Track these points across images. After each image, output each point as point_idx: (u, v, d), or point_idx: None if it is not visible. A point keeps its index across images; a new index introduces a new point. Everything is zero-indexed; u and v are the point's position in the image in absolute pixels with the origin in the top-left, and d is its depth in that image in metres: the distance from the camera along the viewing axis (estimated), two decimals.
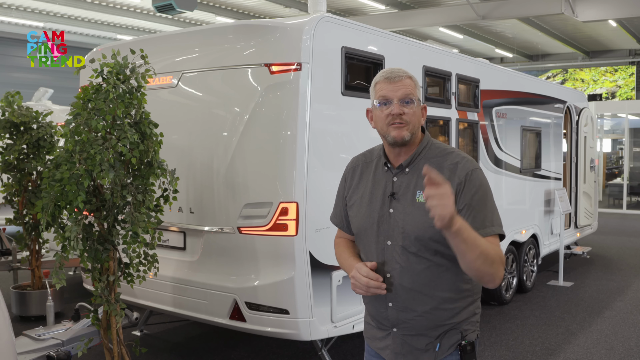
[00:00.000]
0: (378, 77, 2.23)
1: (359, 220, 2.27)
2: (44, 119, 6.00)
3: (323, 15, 4.27)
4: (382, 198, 2.21)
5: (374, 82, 2.24)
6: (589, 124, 9.60)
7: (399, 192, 2.18)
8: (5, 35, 17.40)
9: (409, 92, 2.16)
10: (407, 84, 2.17)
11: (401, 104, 2.14)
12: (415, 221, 2.12)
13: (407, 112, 2.14)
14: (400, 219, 2.15)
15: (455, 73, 5.83)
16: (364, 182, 2.30)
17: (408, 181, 2.18)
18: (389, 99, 2.15)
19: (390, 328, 2.24)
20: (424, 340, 2.20)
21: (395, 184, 2.20)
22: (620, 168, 20.55)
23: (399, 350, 2.23)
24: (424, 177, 1.90)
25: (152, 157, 4.05)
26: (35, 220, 5.96)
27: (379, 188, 2.24)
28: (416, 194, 2.14)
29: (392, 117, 2.14)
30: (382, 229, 2.19)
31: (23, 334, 4.72)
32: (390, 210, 2.18)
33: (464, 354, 2.18)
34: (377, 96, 2.19)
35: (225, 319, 4.32)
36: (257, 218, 4.14)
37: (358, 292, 2.17)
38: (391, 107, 2.15)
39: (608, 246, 11.06)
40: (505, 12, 15.44)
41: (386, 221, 2.18)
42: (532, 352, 5.38)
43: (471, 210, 2.08)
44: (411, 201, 2.15)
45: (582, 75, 26.05)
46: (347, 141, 4.49)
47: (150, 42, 5.04)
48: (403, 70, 2.22)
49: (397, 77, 2.17)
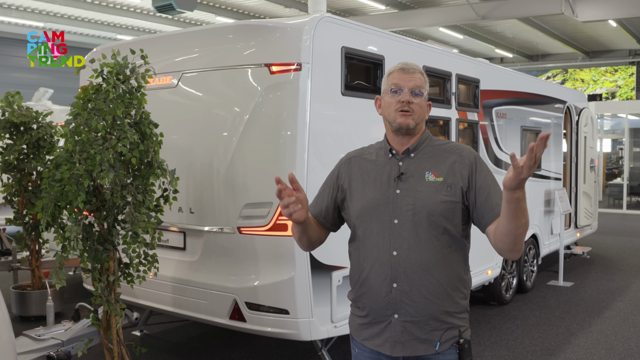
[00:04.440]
0: (393, 67, 2.35)
1: (363, 202, 2.29)
2: (44, 119, 5.99)
3: (323, 16, 4.27)
4: (387, 181, 2.28)
5: (388, 72, 2.36)
6: (589, 124, 9.60)
7: (406, 173, 2.27)
8: (5, 35, 17.41)
9: (420, 85, 2.29)
10: (418, 77, 2.30)
11: (411, 93, 2.27)
12: (426, 197, 2.21)
13: (415, 102, 2.27)
14: (410, 196, 2.22)
15: (455, 73, 5.83)
16: (364, 168, 2.36)
17: (415, 164, 2.28)
18: (400, 87, 2.27)
19: (391, 315, 2.23)
20: (424, 330, 2.21)
21: (401, 167, 2.29)
22: (620, 168, 20.55)
23: (398, 339, 2.23)
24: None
25: (152, 157, 4.05)
26: (35, 220, 5.96)
27: (383, 173, 2.30)
28: (424, 174, 2.25)
29: (401, 104, 2.26)
30: (389, 209, 2.24)
31: (23, 334, 4.72)
32: (397, 191, 2.24)
33: (462, 352, 2.23)
34: (390, 83, 2.31)
35: (225, 319, 4.32)
36: (257, 218, 4.14)
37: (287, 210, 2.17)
38: (402, 95, 2.27)
39: (608, 246, 11.06)
40: (505, 12, 15.44)
41: (392, 202, 2.24)
42: (532, 352, 5.38)
43: (488, 189, 2.22)
44: (420, 180, 2.25)
45: (582, 76, 26.05)
46: (347, 141, 4.49)
47: (150, 42, 5.04)
48: (417, 65, 2.35)
49: (411, 69, 2.31)
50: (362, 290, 2.31)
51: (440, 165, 2.26)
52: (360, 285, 2.30)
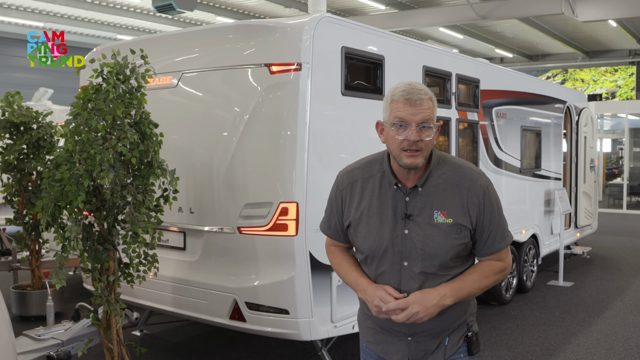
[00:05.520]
0: (397, 94, 2.06)
1: (370, 243, 2.18)
2: (44, 119, 5.99)
3: (323, 15, 4.27)
4: (393, 218, 2.14)
5: (390, 98, 2.09)
6: (589, 124, 9.60)
7: (414, 212, 2.13)
8: (5, 35, 17.40)
9: (428, 117, 2.04)
10: (427, 107, 2.04)
11: (419, 129, 2.03)
12: (436, 243, 2.11)
13: (424, 140, 2.04)
14: (419, 240, 2.12)
15: (455, 73, 5.83)
16: (367, 199, 2.20)
17: (423, 201, 2.13)
18: (407, 122, 2.03)
19: (405, 337, 2.23)
20: (438, 340, 2.24)
21: (408, 204, 2.14)
22: (620, 168, 20.53)
23: (414, 356, 2.24)
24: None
25: (152, 157, 4.05)
26: (35, 220, 5.96)
27: (388, 207, 2.15)
28: (433, 214, 2.11)
29: (408, 144, 2.03)
30: (397, 250, 2.14)
31: (23, 334, 4.72)
32: (405, 232, 2.13)
33: (470, 344, 2.26)
34: (393, 117, 2.05)
35: (225, 319, 4.32)
36: (257, 218, 4.13)
37: (381, 317, 2.14)
38: (408, 132, 2.03)
39: (608, 246, 11.05)
40: (505, 12, 15.44)
41: (401, 242, 2.14)
42: (532, 352, 5.38)
43: (492, 228, 2.18)
44: (429, 222, 2.12)
45: (582, 75, 26.04)
46: (347, 141, 4.49)
47: (150, 42, 5.04)
48: (425, 90, 2.07)
49: (418, 99, 2.03)
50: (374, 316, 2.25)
51: (449, 201, 2.12)
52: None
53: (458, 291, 2.12)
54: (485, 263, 2.23)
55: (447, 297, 2.09)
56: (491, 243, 2.20)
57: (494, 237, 2.19)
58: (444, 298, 2.08)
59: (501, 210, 2.24)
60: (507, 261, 2.25)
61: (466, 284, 2.14)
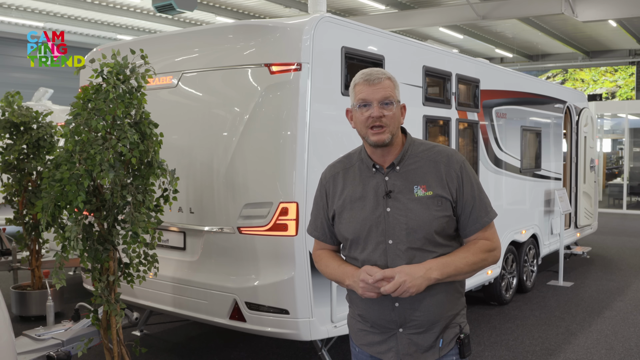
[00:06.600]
0: (357, 78, 2.22)
1: (355, 225, 2.22)
2: (44, 119, 6.00)
3: (323, 15, 4.27)
4: (374, 199, 2.20)
5: (353, 83, 2.23)
6: (589, 124, 9.60)
7: (394, 189, 2.19)
8: (5, 35, 17.41)
9: (388, 95, 2.16)
10: (386, 85, 2.17)
11: (380, 106, 2.15)
12: (419, 216, 2.16)
13: (386, 115, 2.15)
14: (402, 215, 2.16)
15: (455, 73, 5.83)
16: (349, 187, 2.27)
17: (403, 178, 2.21)
18: (368, 101, 2.16)
19: (396, 329, 2.23)
20: (429, 337, 2.22)
21: (388, 183, 2.21)
22: (620, 168, 20.54)
23: (405, 351, 2.23)
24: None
25: (152, 157, 4.05)
26: (35, 220, 5.96)
27: (370, 190, 2.22)
28: (413, 189, 2.18)
29: (372, 120, 2.15)
30: (381, 229, 2.18)
31: (23, 334, 4.72)
32: (387, 210, 2.18)
33: (462, 346, 2.26)
34: (357, 98, 2.19)
35: (225, 319, 4.32)
36: (257, 218, 4.14)
37: (368, 295, 2.13)
38: (371, 110, 2.16)
39: (608, 246, 11.06)
40: (505, 12, 15.45)
41: (384, 221, 2.18)
42: (532, 352, 5.38)
43: (473, 201, 2.22)
44: (410, 197, 2.18)
45: (582, 75, 26.05)
46: (347, 141, 4.48)
47: (150, 42, 5.04)
48: (382, 71, 2.22)
49: (376, 78, 2.17)
50: (363, 307, 2.28)
51: (428, 176, 2.19)
52: (361, 301, 2.26)
53: (444, 266, 2.13)
54: (473, 242, 2.25)
55: (434, 270, 2.11)
56: (475, 218, 2.22)
57: (477, 211, 2.22)
58: (430, 271, 2.10)
59: (480, 186, 2.28)
60: (494, 241, 2.26)
61: (452, 260, 2.16)
